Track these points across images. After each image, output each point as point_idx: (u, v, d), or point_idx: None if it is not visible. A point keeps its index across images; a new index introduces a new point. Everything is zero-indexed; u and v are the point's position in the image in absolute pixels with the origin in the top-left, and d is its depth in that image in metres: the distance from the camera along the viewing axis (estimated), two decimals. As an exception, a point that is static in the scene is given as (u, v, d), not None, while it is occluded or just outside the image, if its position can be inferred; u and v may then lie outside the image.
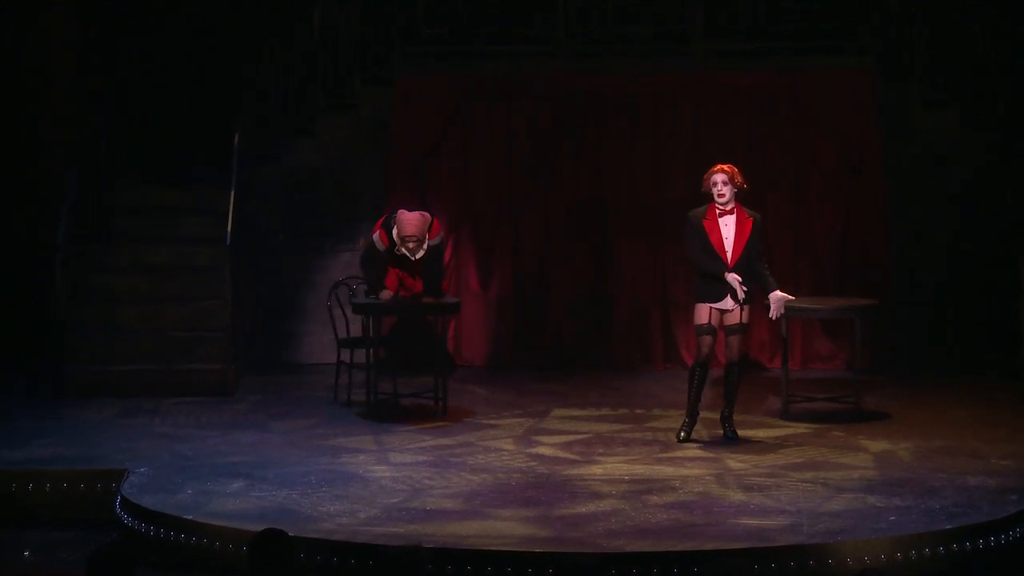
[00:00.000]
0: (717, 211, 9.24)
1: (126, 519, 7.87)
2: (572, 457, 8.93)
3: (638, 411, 10.27)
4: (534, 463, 8.77)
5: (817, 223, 11.89)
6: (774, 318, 9.45)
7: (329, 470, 8.52)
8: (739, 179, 9.26)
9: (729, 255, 9.17)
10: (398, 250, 10.04)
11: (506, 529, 7.38)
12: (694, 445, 9.17)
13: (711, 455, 8.92)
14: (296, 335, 12.19)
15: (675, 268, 11.94)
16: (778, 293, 9.31)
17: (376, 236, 10.20)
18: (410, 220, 10.08)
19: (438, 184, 12.09)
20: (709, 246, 9.19)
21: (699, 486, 8.16)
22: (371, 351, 10.13)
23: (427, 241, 10.06)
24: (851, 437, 9.38)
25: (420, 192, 12.02)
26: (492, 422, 9.91)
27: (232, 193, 11.26)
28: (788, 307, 9.52)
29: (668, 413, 10.14)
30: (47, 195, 11.73)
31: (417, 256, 10.06)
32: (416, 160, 12.06)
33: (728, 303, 9.17)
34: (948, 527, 7.37)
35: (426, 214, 10.25)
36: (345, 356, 10.59)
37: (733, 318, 9.20)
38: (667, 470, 8.55)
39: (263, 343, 12.09)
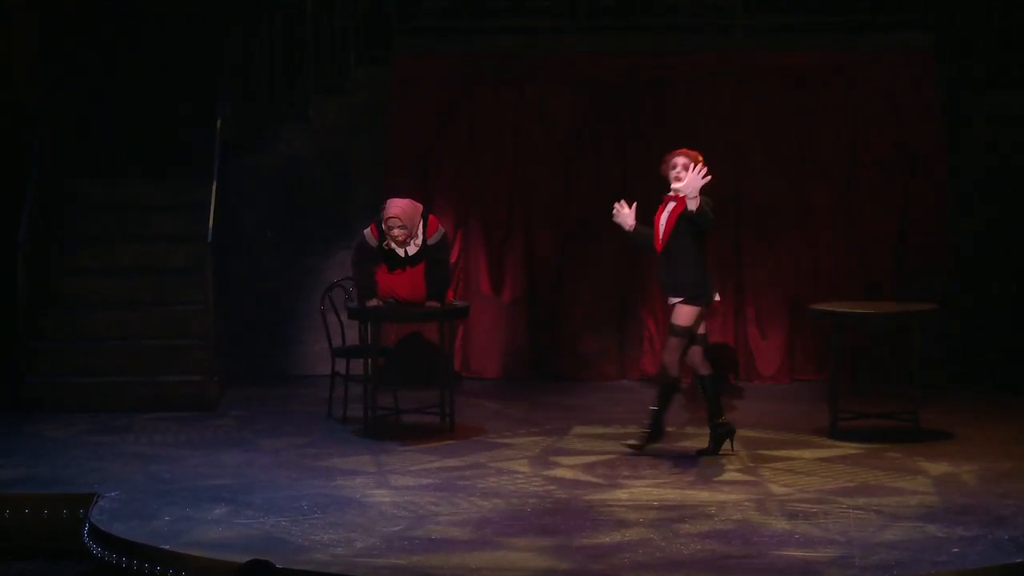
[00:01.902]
0: (669, 195, 9.46)
1: (95, 549, 7.86)
2: (594, 480, 8.91)
3: (668, 429, 10.22)
4: (552, 487, 8.75)
5: (869, 218, 11.88)
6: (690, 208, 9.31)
7: (323, 494, 8.51)
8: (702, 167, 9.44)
9: (662, 238, 9.41)
10: (387, 244, 9.99)
11: (520, 561, 7.36)
12: (731, 468, 9.15)
13: (751, 479, 8.90)
14: (286, 343, 12.19)
15: (717, 269, 11.90)
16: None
17: (368, 230, 10.16)
18: (396, 202, 10.04)
19: (443, 176, 12.10)
20: (653, 229, 9.52)
21: (737, 513, 8.14)
22: (369, 361, 10.13)
23: (419, 234, 9.99)
24: (908, 458, 9.36)
25: (423, 184, 12.02)
26: (505, 441, 9.90)
27: (214, 185, 11.26)
28: (838, 314, 9.56)
29: (702, 431, 10.10)
30: (5, 190, 11.74)
31: (407, 250, 9.97)
32: (418, 149, 12.06)
33: (668, 298, 9.44)
34: (1019, 560, 7.34)
35: (418, 203, 10.19)
36: (340, 367, 10.58)
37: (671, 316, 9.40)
38: (701, 495, 8.53)
39: (249, 352, 12.09)
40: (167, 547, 7.56)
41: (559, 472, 9.11)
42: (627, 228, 9.65)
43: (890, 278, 11.82)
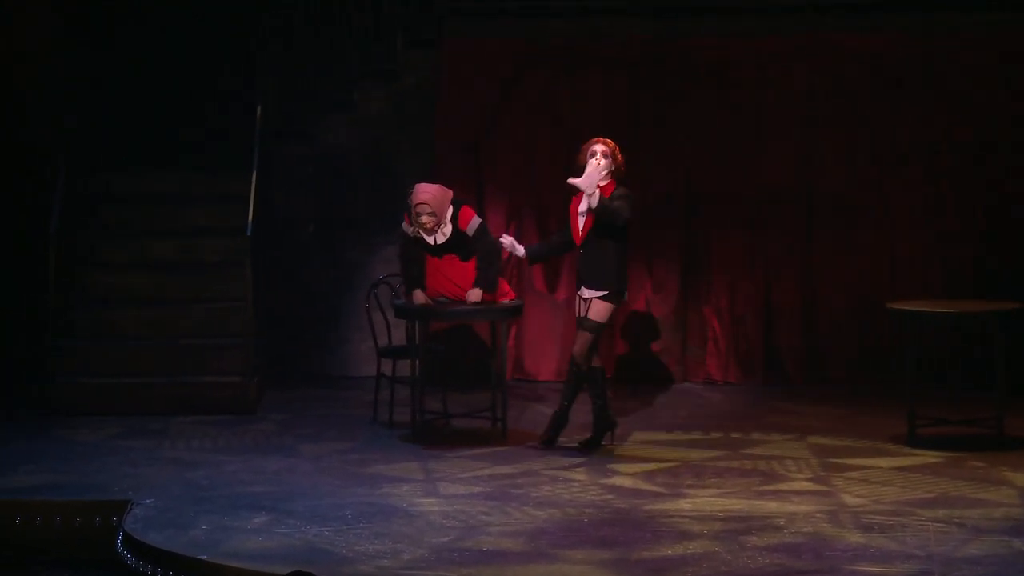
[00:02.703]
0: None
1: (129, 559, 7.90)
2: (655, 489, 8.90)
3: (734, 435, 10.23)
4: (610, 496, 8.75)
5: (951, 213, 11.82)
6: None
7: (368, 503, 8.53)
8: (620, 158, 9.65)
9: (579, 233, 9.64)
10: (415, 232, 9.98)
11: (576, 574, 7.35)
12: (801, 477, 9.11)
13: (823, 488, 8.86)
14: (329, 343, 12.23)
15: (779, 267, 11.90)
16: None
17: (403, 222, 10.13)
18: (424, 187, 10.03)
19: (495, 166, 12.11)
20: (566, 223, 9.77)
21: (808, 525, 8.11)
22: (417, 362, 10.14)
23: (448, 222, 9.96)
24: (992, 468, 9.29)
25: (475, 174, 12.03)
26: (560, 447, 9.90)
27: (253, 176, 11.30)
28: (916, 313, 9.54)
29: (770, 437, 10.09)
30: (35, 182, 11.84)
31: (435, 238, 9.94)
32: (469, 137, 12.08)
33: (583, 291, 9.70)
34: (1111, 576, 7.28)
35: (448, 189, 10.16)
36: (386, 368, 10.60)
37: (584, 309, 9.66)
38: (770, 506, 8.50)
39: (289, 352, 12.14)
40: (204, 557, 7.59)
41: (618, 480, 9.10)
42: (522, 256, 10.00)
43: (972, 275, 11.74)
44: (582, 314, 9.71)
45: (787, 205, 11.97)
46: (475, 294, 9.94)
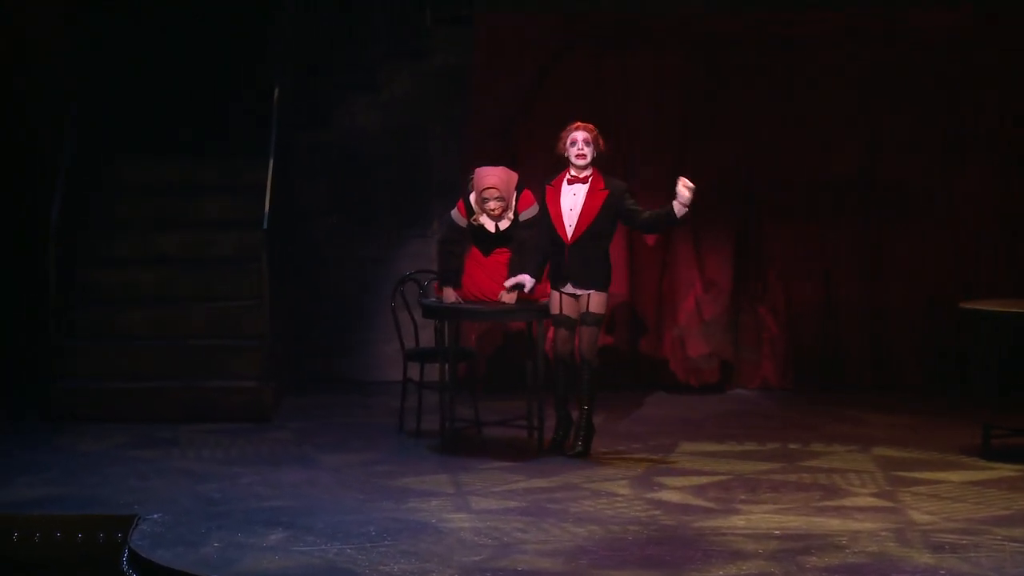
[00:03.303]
0: (567, 177, 9.78)
1: (136, 578, 7.94)
2: (706, 505, 8.89)
3: (792, 446, 10.20)
4: (657, 512, 8.74)
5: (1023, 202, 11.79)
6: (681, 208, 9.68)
7: (393, 518, 8.54)
8: (602, 143, 9.80)
9: (569, 230, 9.71)
10: (476, 219, 9.96)
11: (622, 597, 7.37)
12: (865, 492, 9.09)
13: (888, 504, 8.84)
14: (351, 345, 12.25)
15: (844, 262, 11.87)
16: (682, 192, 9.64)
17: (454, 210, 10.14)
18: (490, 170, 10.02)
19: (532, 153, 12.09)
20: (547, 219, 9.77)
21: (873, 544, 8.09)
22: (446, 366, 10.15)
23: (512, 206, 9.97)
24: (1073, 482, 9.27)
25: (510, 163, 12.00)
26: (603, 458, 9.89)
27: (270, 164, 11.34)
28: (990, 313, 9.49)
29: (832, 449, 10.05)
30: (38, 172, 11.88)
31: (499, 225, 9.93)
32: (504, 123, 12.08)
33: (572, 288, 9.79)
34: None
35: (512, 171, 10.16)
36: (413, 372, 10.60)
37: (582, 305, 9.77)
38: (831, 523, 8.48)
39: (309, 355, 12.16)
40: (217, 577, 7.62)
41: (665, 495, 9.09)
42: (531, 285, 9.88)
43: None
44: (583, 309, 9.79)
45: (850, 194, 11.95)
46: (510, 296, 9.92)
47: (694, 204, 9.66)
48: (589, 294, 9.78)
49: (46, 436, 10.48)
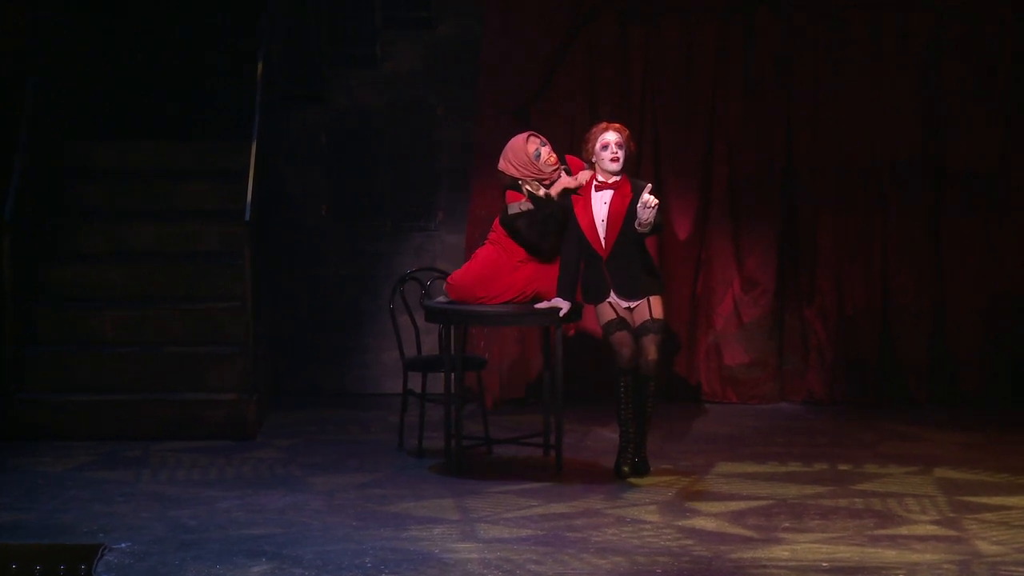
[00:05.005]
0: (595, 183, 9.77)
1: (101, 616, 7.97)
2: (745, 533, 8.90)
3: (842, 467, 10.21)
4: (689, 541, 8.75)
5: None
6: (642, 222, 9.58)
7: (392, 548, 8.56)
8: (633, 145, 9.84)
9: (604, 243, 9.72)
10: (535, 186, 9.78)
11: (649, 638, 7.39)
12: (926, 519, 9.10)
13: (952, 533, 8.84)
14: (345, 352, 12.28)
15: (899, 259, 11.88)
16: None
17: (509, 204, 9.94)
18: (526, 134, 10.03)
19: (551, 133, 12.07)
20: (579, 233, 9.78)
21: (934, 578, 8.11)
22: (453, 376, 10.16)
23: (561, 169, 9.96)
24: None
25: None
26: (628, 481, 9.91)
27: (253, 147, 11.34)
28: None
29: (887, 470, 10.06)
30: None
31: (558, 182, 9.85)
32: (519, 99, 12.10)
33: (626, 301, 9.84)
34: None
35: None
36: (415, 383, 10.62)
37: (640, 314, 9.79)
38: (887, 554, 8.49)
39: (298, 363, 12.19)
40: (192, 615, 7.66)
41: (699, 522, 9.10)
42: (567, 310, 9.89)
43: None
44: (646, 317, 9.78)
45: (909, 182, 11.94)
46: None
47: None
48: (647, 300, 9.80)
49: (1, 456, 10.50)
